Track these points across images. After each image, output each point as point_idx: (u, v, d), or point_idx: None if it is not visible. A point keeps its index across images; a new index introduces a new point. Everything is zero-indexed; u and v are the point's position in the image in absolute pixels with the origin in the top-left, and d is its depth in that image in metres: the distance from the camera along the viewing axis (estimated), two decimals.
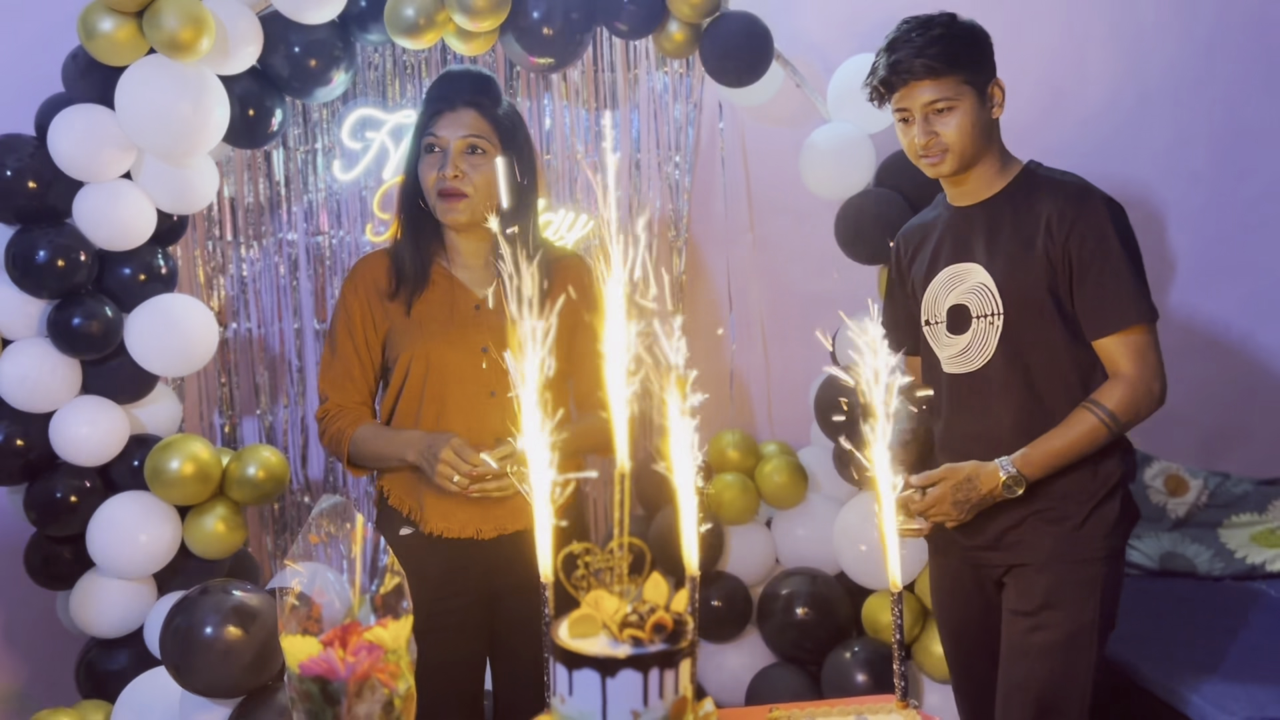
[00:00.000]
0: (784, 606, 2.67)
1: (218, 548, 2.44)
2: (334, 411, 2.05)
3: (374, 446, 2.01)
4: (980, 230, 1.97)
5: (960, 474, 1.91)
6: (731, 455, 2.74)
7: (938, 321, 2.02)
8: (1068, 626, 1.91)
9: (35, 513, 2.40)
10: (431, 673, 1.92)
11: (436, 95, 1.99)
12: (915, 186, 2.61)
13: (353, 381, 2.04)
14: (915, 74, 1.89)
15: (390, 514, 2.06)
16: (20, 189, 2.29)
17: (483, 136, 1.96)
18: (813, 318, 2.93)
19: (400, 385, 2.03)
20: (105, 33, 2.21)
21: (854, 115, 2.61)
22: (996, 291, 1.93)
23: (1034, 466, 1.89)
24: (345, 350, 2.04)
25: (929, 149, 1.93)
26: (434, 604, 1.95)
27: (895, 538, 1.40)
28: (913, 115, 1.93)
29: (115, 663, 2.46)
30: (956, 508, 1.90)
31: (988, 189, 1.98)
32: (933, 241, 2.06)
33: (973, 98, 1.91)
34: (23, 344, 2.36)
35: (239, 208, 2.73)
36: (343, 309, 2.05)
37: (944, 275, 2.01)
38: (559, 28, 2.42)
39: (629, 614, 1.14)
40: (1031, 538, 1.94)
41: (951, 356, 2.00)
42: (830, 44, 2.78)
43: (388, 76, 2.74)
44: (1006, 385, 1.93)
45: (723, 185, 2.92)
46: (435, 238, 2.04)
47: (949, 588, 2.09)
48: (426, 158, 1.97)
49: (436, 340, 2.01)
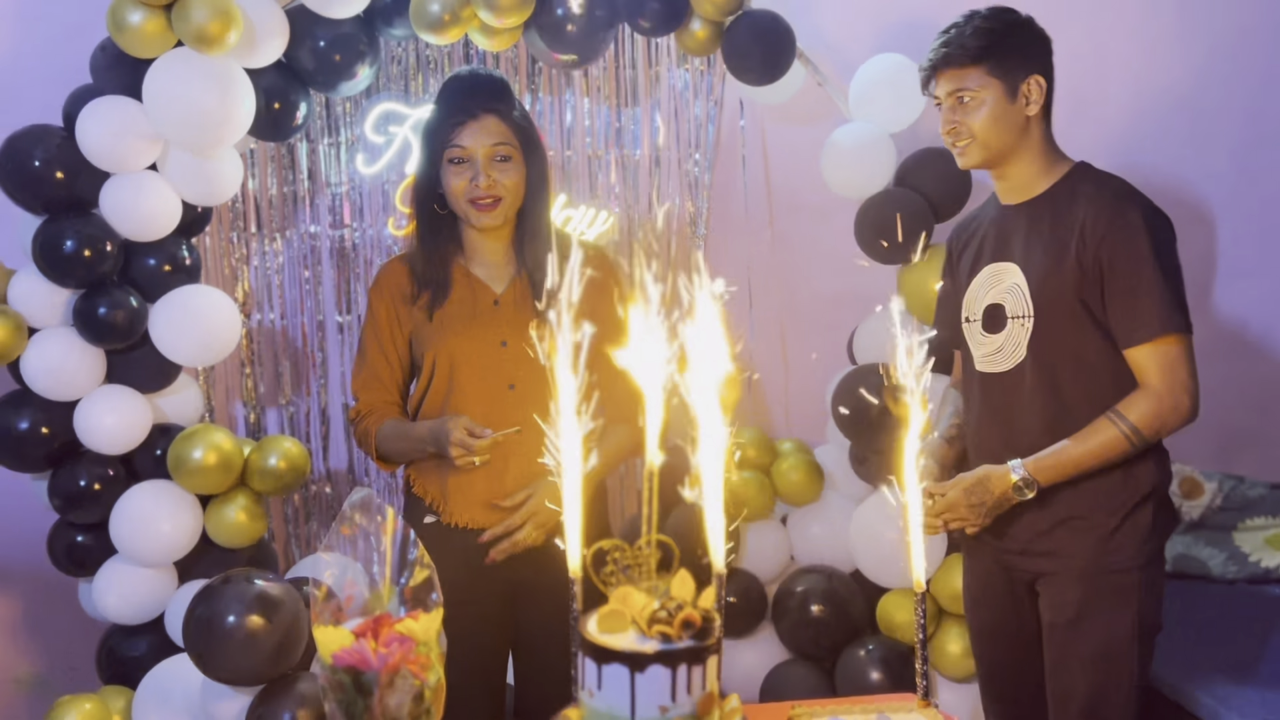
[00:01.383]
0: (799, 604, 2.68)
1: (239, 537, 2.47)
2: (364, 412, 2.11)
3: (396, 443, 2.08)
4: (1020, 230, 1.96)
5: (971, 479, 1.91)
6: (748, 453, 2.75)
7: (975, 319, 2.01)
8: (1104, 637, 1.89)
9: (59, 500, 2.42)
10: (453, 662, 1.95)
11: (455, 105, 2.00)
12: (936, 186, 2.62)
13: (380, 383, 2.11)
14: (946, 61, 1.91)
15: (414, 502, 2.11)
16: (48, 179, 2.31)
17: (507, 142, 2.00)
18: (831, 316, 2.95)
19: (427, 382, 2.07)
20: (134, 25, 2.23)
21: (875, 114, 2.61)
22: (1029, 293, 1.91)
23: (1046, 472, 1.87)
24: (372, 354, 2.11)
25: (954, 136, 1.94)
26: (456, 593, 1.97)
27: (920, 537, 1.40)
28: (943, 102, 1.94)
29: (136, 649, 2.48)
30: (972, 512, 1.89)
31: (1031, 188, 1.96)
32: (979, 237, 2.05)
33: (999, 91, 1.90)
34: (49, 333, 2.38)
35: (263, 200, 2.75)
36: (369, 314, 2.12)
37: (985, 273, 2.00)
38: (583, 24, 2.43)
39: (658, 610, 1.16)
40: (1062, 546, 1.92)
41: (985, 355, 1.99)
42: (852, 43, 2.79)
43: (411, 71, 2.75)
44: (1035, 389, 1.92)
45: (743, 183, 2.92)
46: (451, 239, 2.08)
47: (980, 589, 2.09)
48: (453, 168, 2.00)
49: (457, 337, 2.05)
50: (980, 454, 2.00)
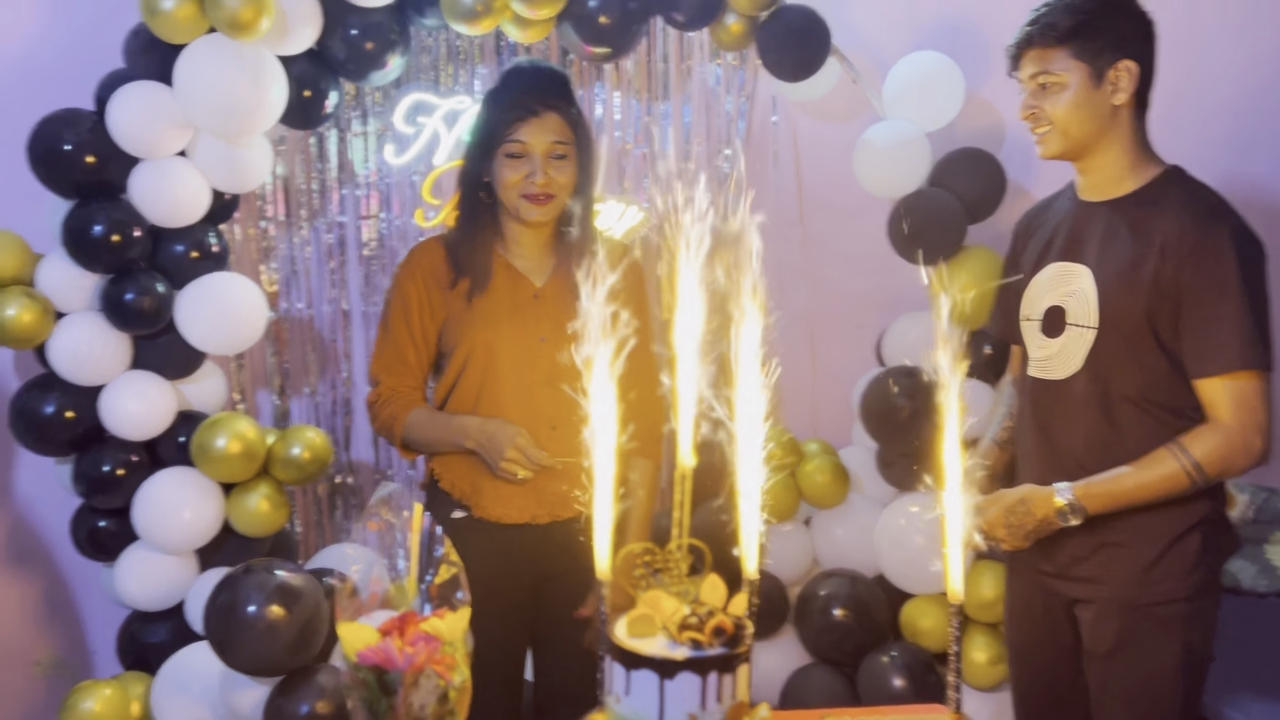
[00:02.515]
0: (822, 607, 2.65)
1: (260, 526, 2.46)
2: (387, 395, 2.06)
3: (428, 432, 2.03)
4: (1097, 231, 1.81)
5: (1012, 497, 1.80)
6: (773, 453, 2.71)
7: (1034, 319, 1.88)
8: (1146, 670, 1.78)
9: (82, 485, 2.43)
10: (475, 656, 1.94)
11: (517, 101, 1.97)
12: (971, 187, 2.58)
13: (406, 366, 2.06)
14: (1029, 41, 1.79)
15: (441, 497, 2.08)
16: (79, 163, 2.31)
17: (565, 141, 1.98)
18: (859, 317, 2.92)
19: (458, 373, 2.03)
20: (166, 10, 2.22)
21: (911, 113, 2.57)
22: (1095, 302, 1.78)
23: (1096, 500, 1.75)
24: (400, 335, 2.05)
25: (1033, 122, 1.81)
26: (482, 587, 1.96)
27: (959, 546, 1.37)
28: (1025, 86, 1.82)
29: (156, 636, 2.49)
30: (1010, 532, 1.79)
31: (1115, 187, 1.81)
32: (1049, 230, 1.91)
33: (1083, 75, 1.76)
34: (76, 317, 2.38)
35: (291, 189, 2.74)
36: (399, 294, 2.06)
37: (1050, 271, 1.87)
38: (616, 17, 2.40)
39: (688, 616, 1.14)
40: (1100, 573, 1.81)
41: (1039, 360, 1.87)
42: (888, 40, 2.74)
43: (441, 62, 2.73)
44: (1085, 404, 1.80)
45: (774, 180, 2.89)
46: (493, 227, 2.05)
47: (1018, 607, 1.99)
48: (509, 161, 1.97)
49: (497, 329, 2.01)
50: (1023, 463, 1.92)
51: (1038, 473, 1.87)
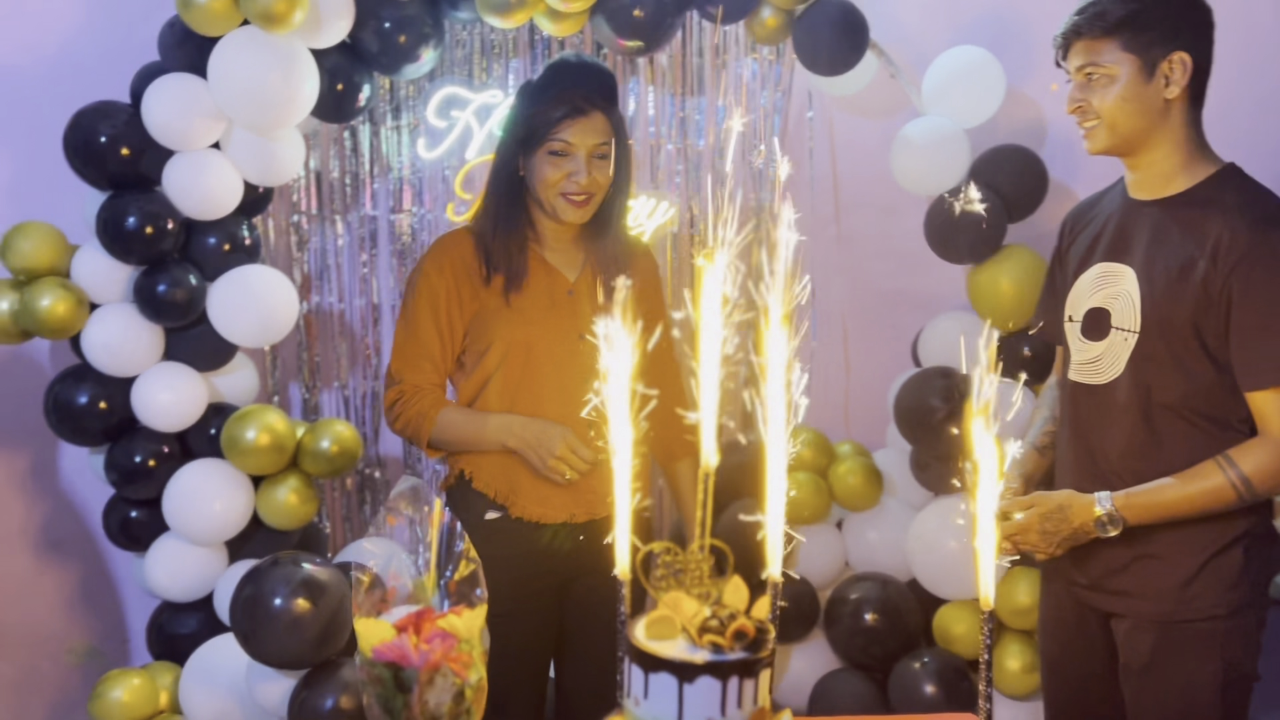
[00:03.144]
0: (852, 611, 2.60)
1: (289, 519, 2.46)
2: (410, 393, 2.01)
3: (463, 430, 1.98)
4: (1145, 231, 1.74)
5: (1050, 503, 1.73)
6: (804, 454, 2.68)
7: (1076, 320, 1.82)
8: (1182, 688, 1.71)
9: (114, 475, 2.44)
10: (504, 657, 1.92)
11: (564, 98, 1.92)
12: (1011, 185, 2.53)
13: (431, 362, 2.00)
14: (1076, 32, 1.71)
15: (474, 497, 2.03)
16: (114, 155, 2.32)
17: (608, 141, 1.95)
18: (895, 316, 2.87)
19: (493, 371, 1.99)
20: (201, 2, 2.22)
21: (950, 109, 2.52)
22: (1139, 306, 1.72)
23: (1137, 511, 1.69)
24: (426, 330, 1.99)
25: (1079, 117, 1.74)
26: (515, 588, 1.95)
27: (991, 552, 1.33)
28: (1072, 78, 1.76)
29: (185, 626, 2.50)
30: (1044, 539, 1.72)
31: (1165, 185, 1.74)
32: (1095, 229, 1.84)
33: (1133, 68, 1.69)
34: (109, 309, 2.39)
35: (324, 182, 2.74)
36: (425, 287, 1.99)
37: (1094, 271, 1.80)
38: (650, 10, 2.38)
39: (709, 619, 1.11)
40: (1136, 587, 1.75)
41: (1080, 363, 1.81)
42: (928, 34, 2.69)
43: (475, 55, 2.72)
44: (1125, 410, 1.74)
45: (809, 176, 2.85)
46: (525, 221, 2.02)
47: (1051, 617, 1.93)
48: (552, 159, 1.93)
49: (536, 326, 1.97)
50: (1062, 468, 1.86)
51: (1074, 479, 1.81)
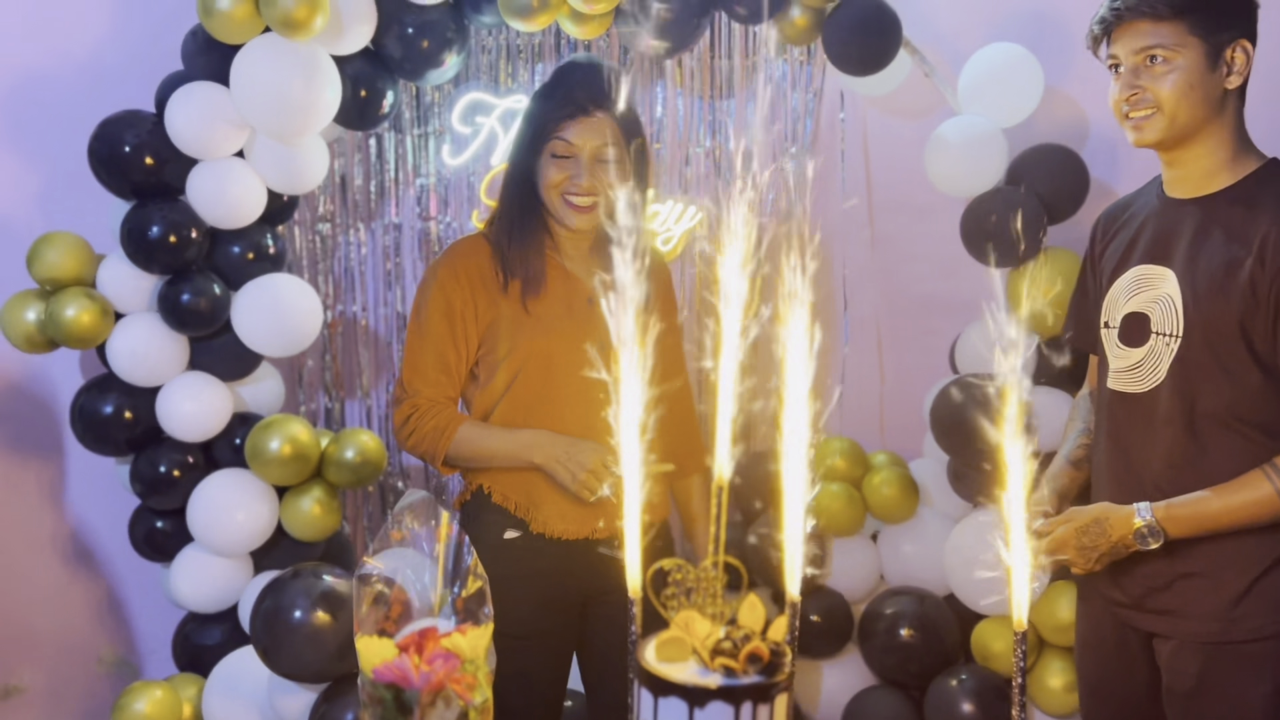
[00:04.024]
0: (888, 626, 2.53)
1: (313, 530, 2.44)
2: (425, 407, 1.92)
3: (484, 446, 1.91)
4: (1185, 231, 1.66)
5: (1086, 517, 1.65)
6: (838, 464, 2.61)
7: (1113, 326, 1.74)
8: (1231, 712, 1.63)
9: (139, 485, 2.43)
10: (522, 680, 1.87)
11: (568, 96, 1.89)
12: (1051, 185, 2.45)
13: (447, 375, 1.93)
14: (1135, 12, 1.60)
15: (493, 512, 1.96)
16: (138, 164, 2.32)
17: (614, 143, 1.89)
18: (931, 322, 2.79)
19: (510, 383, 1.92)
20: (223, 10, 2.21)
21: (987, 108, 2.45)
22: (1181, 309, 1.63)
23: (1178, 523, 1.60)
24: (441, 341, 1.92)
25: (1134, 104, 1.63)
26: (535, 610, 1.91)
27: (1024, 569, 1.26)
28: (1123, 63, 1.64)
29: (210, 638, 2.48)
30: (1083, 555, 1.64)
31: (1209, 181, 1.66)
32: (1131, 230, 1.75)
33: (1198, 54, 1.60)
34: (134, 318, 2.39)
35: (349, 190, 2.72)
36: (439, 295, 1.93)
37: (1131, 274, 1.71)
38: (676, 11, 2.33)
39: (722, 640, 1.05)
40: (1180, 605, 1.66)
41: (1119, 371, 1.72)
42: (963, 31, 2.62)
43: (500, 60, 2.69)
44: (1168, 419, 1.65)
45: (841, 178, 2.78)
46: (543, 226, 1.97)
47: (1089, 636, 1.84)
48: (555, 160, 1.89)
49: (556, 337, 1.91)
50: (1099, 482, 1.77)
51: (1112, 493, 1.72)
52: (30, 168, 2.62)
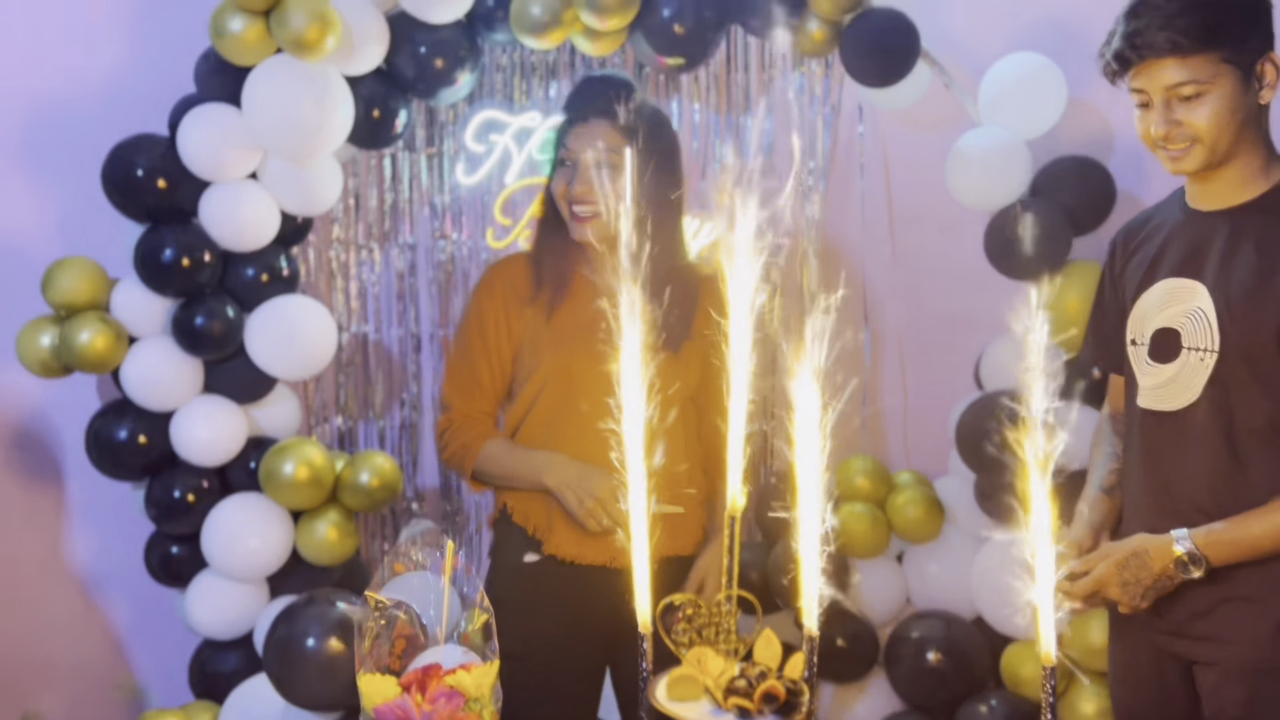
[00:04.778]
0: (915, 651, 2.46)
1: (329, 554, 2.41)
2: (459, 422, 1.96)
3: (504, 465, 1.91)
4: (1217, 244, 1.61)
5: (1124, 550, 1.59)
6: (861, 484, 2.55)
7: (1141, 343, 1.68)
8: None
9: (154, 510, 2.42)
10: (542, 704, 1.84)
11: (570, 104, 1.95)
12: (1076, 197, 2.39)
13: (481, 389, 1.95)
14: (1157, 50, 1.54)
15: (513, 533, 1.95)
16: (151, 188, 2.31)
17: (614, 150, 1.88)
18: (955, 337, 2.74)
19: (534, 399, 1.92)
20: (234, 32, 2.21)
21: (1009, 119, 2.40)
22: (1215, 323, 1.58)
23: (1220, 549, 1.54)
24: (475, 356, 1.95)
25: (1170, 140, 1.58)
26: (557, 637, 1.88)
27: (1050, 600, 1.20)
28: (1152, 99, 1.59)
29: (226, 665, 2.46)
30: (1127, 590, 1.57)
31: (1239, 193, 1.61)
32: (1156, 245, 1.70)
33: (1233, 79, 1.54)
34: (147, 342, 2.38)
35: (362, 210, 2.71)
36: (475, 312, 1.97)
37: (1159, 289, 1.66)
38: (691, 26, 2.30)
39: (736, 678, 1.01)
40: (1224, 631, 1.59)
41: (1150, 388, 1.66)
42: (983, 42, 2.57)
43: (514, 78, 2.67)
44: (1204, 437, 1.60)
45: (860, 193, 2.74)
46: (569, 241, 1.96)
47: (1124, 664, 1.78)
48: (559, 169, 1.92)
49: (579, 354, 1.88)
50: (1134, 506, 1.71)
51: (1149, 519, 1.66)
52: (46, 193, 2.63)
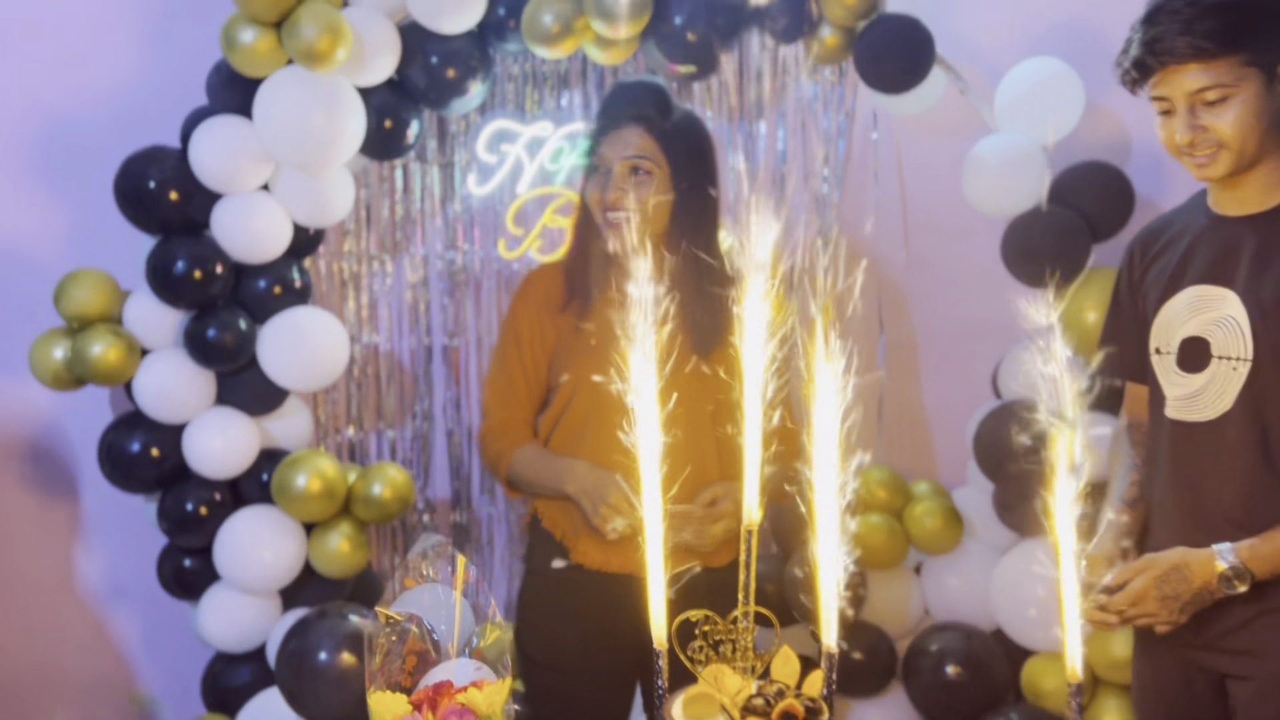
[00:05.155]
0: (933, 664, 2.43)
1: (342, 567, 2.40)
2: (497, 429, 1.99)
3: (532, 471, 1.93)
4: (1245, 250, 1.58)
5: (1164, 564, 1.54)
6: (878, 494, 2.53)
7: (1168, 352, 1.64)
8: None
9: (167, 523, 2.41)
10: (568, 715, 1.82)
11: (603, 111, 1.95)
12: (1095, 203, 2.36)
13: (517, 397, 1.98)
14: (1178, 55, 1.51)
15: (542, 539, 1.98)
16: (163, 200, 2.30)
17: (647, 156, 1.87)
18: (972, 346, 2.71)
19: (564, 408, 1.93)
20: (246, 44, 2.20)
21: (1025, 125, 2.37)
22: (1248, 331, 1.55)
23: (1264, 562, 1.51)
24: (511, 364, 1.98)
25: (1196, 147, 1.55)
26: (584, 645, 1.88)
27: (1076, 614, 1.17)
28: (1174, 106, 1.56)
29: (239, 678, 2.45)
30: (1165, 606, 1.53)
31: (1267, 197, 1.58)
32: (1179, 251, 1.66)
33: (1258, 83, 1.52)
34: (160, 354, 2.37)
35: (374, 221, 2.70)
36: (511, 321, 2.01)
37: (1186, 296, 1.63)
38: (703, 33, 2.29)
39: (753, 697, 0.98)
40: (1260, 644, 1.56)
41: (1179, 398, 1.63)
42: (999, 47, 2.55)
43: (526, 88, 2.66)
44: (1239, 448, 1.56)
45: (875, 200, 2.72)
46: (601, 249, 1.95)
47: (1150, 681, 1.74)
48: (593, 177, 1.93)
49: (604, 363, 1.88)
50: (1164, 519, 1.67)
51: (1181, 532, 1.62)
52: (58, 205, 2.63)
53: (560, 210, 2.55)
